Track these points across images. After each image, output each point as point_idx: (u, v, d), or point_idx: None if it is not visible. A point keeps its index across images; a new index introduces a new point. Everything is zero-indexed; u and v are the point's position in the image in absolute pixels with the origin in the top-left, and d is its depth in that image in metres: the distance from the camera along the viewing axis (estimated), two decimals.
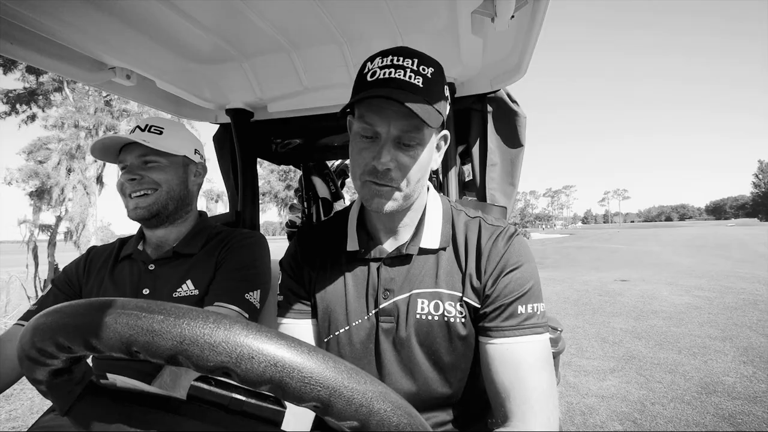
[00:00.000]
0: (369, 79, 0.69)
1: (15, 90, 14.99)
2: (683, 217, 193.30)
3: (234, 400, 0.33)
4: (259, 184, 1.81)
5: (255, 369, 0.28)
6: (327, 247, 0.87)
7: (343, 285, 0.82)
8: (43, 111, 15.28)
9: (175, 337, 0.28)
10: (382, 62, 0.69)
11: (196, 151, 1.19)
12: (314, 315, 0.85)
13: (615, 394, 3.04)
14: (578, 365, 3.65)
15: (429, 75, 0.69)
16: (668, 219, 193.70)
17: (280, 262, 0.92)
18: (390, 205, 0.73)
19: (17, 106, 15.03)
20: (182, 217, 1.15)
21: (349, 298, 0.81)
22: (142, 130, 1.08)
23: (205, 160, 1.24)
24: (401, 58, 0.69)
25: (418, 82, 0.68)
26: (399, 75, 0.67)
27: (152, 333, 0.28)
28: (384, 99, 0.65)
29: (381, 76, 0.68)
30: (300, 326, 0.85)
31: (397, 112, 0.67)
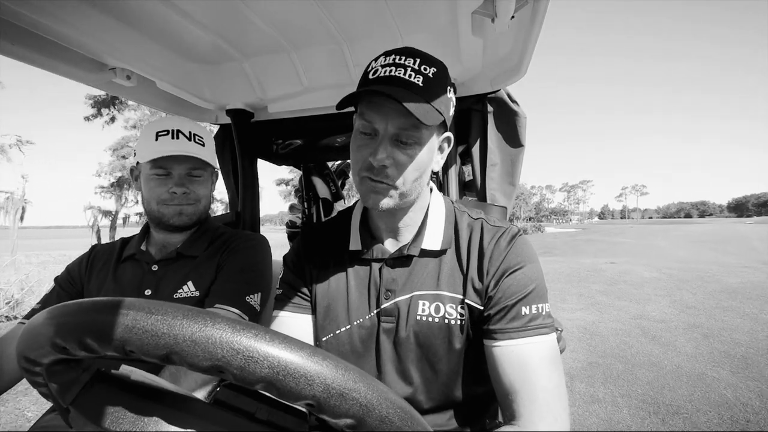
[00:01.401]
0: (371, 77, 0.69)
1: (99, 95, 16.12)
2: (703, 214, 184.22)
3: (261, 408, 0.32)
4: (290, 178, 1.68)
5: (342, 405, 0.27)
6: (330, 246, 0.86)
7: (345, 283, 0.81)
8: (120, 113, 16.45)
9: (273, 366, 0.26)
10: (385, 61, 0.69)
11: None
12: (313, 312, 0.84)
13: (578, 318, 5.02)
14: (559, 306, 5.71)
15: (430, 75, 0.67)
16: (688, 216, 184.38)
17: (284, 257, 0.91)
18: (386, 203, 0.71)
19: (101, 110, 16.13)
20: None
21: (351, 297, 0.80)
22: (188, 139, 1.04)
23: None
24: (403, 57, 0.68)
25: (418, 81, 0.66)
26: (399, 73, 0.66)
27: (248, 359, 0.26)
28: (383, 97, 0.64)
29: (382, 74, 0.67)
30: (297, 320, 0.83)
31: (396, 109, 0.65)
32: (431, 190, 0.84)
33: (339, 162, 2.31)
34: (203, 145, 1.06)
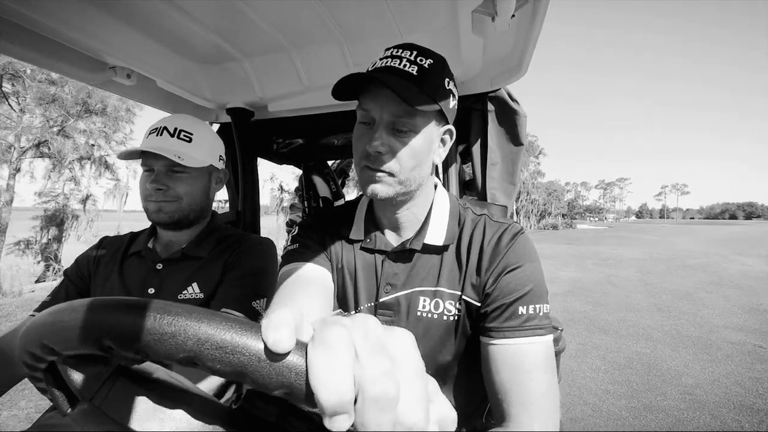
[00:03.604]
0: (369, 68, 0.74)
1: None
2: (750, 216, 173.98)
3: (281, 414, 0.32)
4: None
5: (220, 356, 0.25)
6: (339, 231, 0.89)
7: (354, 267, 0.85)
8: None
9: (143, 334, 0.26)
10: (384, 54, 0.74)
11: (220, 158, 1.19)
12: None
13: (570, 275, 8.84)
14: (561, 269, 9.51)
15: (426, 65, 0.71)
16: (733, 217, 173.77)
17: (300, 223, 0.94)
18: (384, 191, 0.73)
19: None
20: (199, 223, 1.17)
21: (359, 282, 0.84)
22: (171, 135, 1.06)
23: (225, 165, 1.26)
24: (401, 50, 0.73)
25: (413, 70, 0.70)
26: (395, 63, 0.71)
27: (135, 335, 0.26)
28: (377, 84, 0.69)
29: (379, 66, 0.72)
30: (320, 272, 0.81)
31: (390, 97, 0.69)
32: (435, 186, 0.87)
33: (339, 161, 2.36)
34: (189, 140, 1.06)
